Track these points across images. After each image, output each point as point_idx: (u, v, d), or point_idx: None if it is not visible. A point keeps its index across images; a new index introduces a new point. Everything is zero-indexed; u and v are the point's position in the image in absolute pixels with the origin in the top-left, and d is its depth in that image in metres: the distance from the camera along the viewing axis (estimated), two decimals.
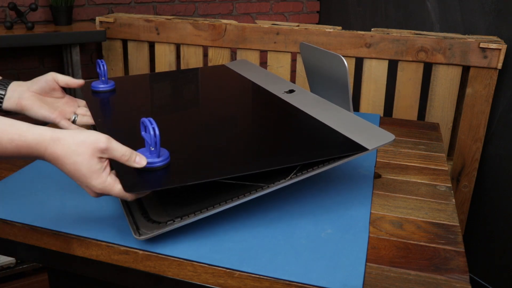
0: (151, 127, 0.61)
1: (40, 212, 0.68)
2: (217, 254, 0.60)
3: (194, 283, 0.59)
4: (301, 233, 0.65)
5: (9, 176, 0.78)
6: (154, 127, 0.61)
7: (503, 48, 1.36)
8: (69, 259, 0.64)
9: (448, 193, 0.77)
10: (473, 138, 1.47)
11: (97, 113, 0.83)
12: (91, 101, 0.88)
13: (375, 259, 0.60)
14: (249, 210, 0.69)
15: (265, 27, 1.60)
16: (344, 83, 0.84)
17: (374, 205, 0.73)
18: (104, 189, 0.59)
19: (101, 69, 0.93)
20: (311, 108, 0.83)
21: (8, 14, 1.75)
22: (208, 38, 1.67)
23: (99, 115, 0.82)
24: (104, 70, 0.92)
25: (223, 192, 0.65)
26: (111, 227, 0.64)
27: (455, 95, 1.48)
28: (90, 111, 0.83)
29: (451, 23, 1.65)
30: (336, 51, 1.53)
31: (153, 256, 0.60)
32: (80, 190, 0.73)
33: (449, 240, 0.64)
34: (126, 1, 1.98)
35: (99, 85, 0.93)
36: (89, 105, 0.85)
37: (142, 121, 0.63)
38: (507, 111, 1.47)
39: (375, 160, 0.89)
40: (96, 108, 0.85)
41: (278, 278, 0.56)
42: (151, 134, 0.61)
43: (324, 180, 0.79)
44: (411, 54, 1.48)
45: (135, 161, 0.61)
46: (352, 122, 0.76)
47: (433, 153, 0.93)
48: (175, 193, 0.67)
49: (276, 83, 0.96)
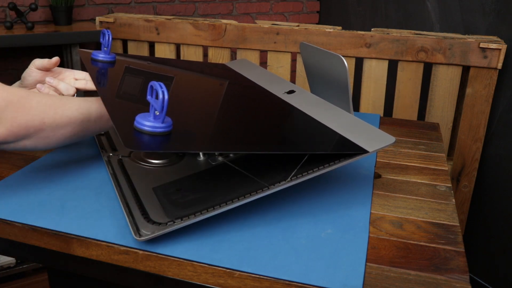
0: (160, 90, 0.60)
1: (40, 212, 0.68)
2: (217, 254, 0.60)
3: (194, 283, 0.59)
4: (301, 233, 0.65)
5: (9, 176, 0.78)
6: (164, 91, 0.60)
7: (503, 48, 1.36)
8: (69, 259, 0.64)
9: (448, 193, 0.77)
10: (473, 138, 1.47)
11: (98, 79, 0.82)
12: (90, 70, 0.86)
13: (375, 259, 0.60)
14: (249, 210, 0.69)
15: (265, 27, 1.60)
16: (344, 83, 0.84)
17: (374, 205, 0.73)
18: None
19: (104, 39, 0.90)
20: (311, 109, 0.83)
21: (8, 14, 1.75)
22: (208, 38, 1.67)
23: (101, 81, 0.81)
24: (108, 41, 0.89)
25: (224, 193, 0.65)
26: (111, 227, 0.64)
27: (455, 95, 1.48)
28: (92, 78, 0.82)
29: (451, 23, 1.65)
30: (336, 51, 1.53)
31: (153, 256, 0.60)
32: (80, 190, 0.74)
33: (449, 240, 0.64)
34: (126, 1, 1.98)
35: (100, 54, 0.90)
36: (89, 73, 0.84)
37: (151, 84, 0.61)
38: (507, 111, 1.47)
39: (375, 160, 0.89)
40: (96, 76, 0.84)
41: (278, 278, 0.56)
42: (160, 98, 0.59)
43: (324, 180, 0.79)
44: (411, 54, 1.48)
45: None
46: (353, 124, 0.76)
47: (433, 153, 0.93)
48: (175, 194, 0.67)
49: (276, 83, 0.96)
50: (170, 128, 0.63)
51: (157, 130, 0.61)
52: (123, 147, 0.86)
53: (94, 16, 1.89)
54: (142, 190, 0.70)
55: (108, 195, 0.73)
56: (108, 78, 0.84)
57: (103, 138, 0.90)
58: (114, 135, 0.92)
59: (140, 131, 0.62)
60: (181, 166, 0.79)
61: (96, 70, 0.86)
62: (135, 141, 0.60)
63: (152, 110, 0.62)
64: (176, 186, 0.69)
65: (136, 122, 0.62)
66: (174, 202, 0.65)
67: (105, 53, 0.91)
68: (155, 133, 0.61)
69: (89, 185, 0.75)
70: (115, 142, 0.88)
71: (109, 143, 0.88)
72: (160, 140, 0.61)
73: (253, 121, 0.81)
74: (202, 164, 0.79)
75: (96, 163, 0.83)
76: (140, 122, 0.62)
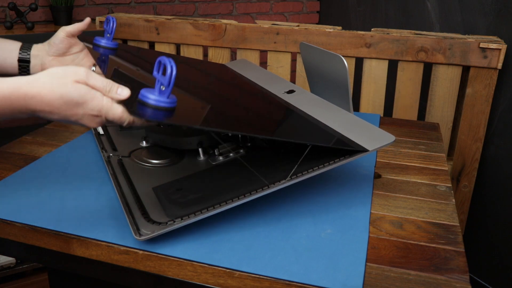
0: (169, 65, 0.59)
1: (40, 212, 0.68)
2: (217, 254, 0.60)
3: (194, 283, 0.59)
4: (301, 233, 0.65)
5: (9, 176, 0.78)
6: (172, 65, 0.59)
7: (503, 48, 1.36)
8: (69, 259, 0.64)
9: (448, 193, 0.77)
10: (473, 138, 1.47)
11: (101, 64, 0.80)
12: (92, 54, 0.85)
13: (375, 259, 0.60)
14: (249, 210, 0.69)
15: (265, 27, 1.60)
16: (344, 83, 0.84)
17: (374, 205, 0.73)
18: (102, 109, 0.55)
19: (109, 26, 0.87)
20: (311, 109, 0.83)
21: (8, 14, 1.75)
22: (208, 38, 1.67)
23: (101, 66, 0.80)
24: (112, 27, 0.86)
25: (224, 193, 0.65)
26: (111, 227, 0.64)
27: (455, 95, 1.48)
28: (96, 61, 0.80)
29: (451, 23, 1.65)
30: (336, 51, 1.53)
31: (153, 256, 0.60)
32: (80, 190, 0.74)
33: (449, 240, 0.64)
34: (126, 1, 1.98)
35: (102, 40, 0.86)
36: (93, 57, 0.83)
37: (159, 59, 0.60)
38: (507, 111, 1.47)
39: (375, 160, 0.89)
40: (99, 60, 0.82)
41: (278, 278, 0.56)
42: (168, 72, 0.59)
43: (324, 180, 0.79)
44: (411, 54, 1.48)
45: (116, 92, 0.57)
46: (353, 123, 0.76)
47: (433, 153, 0.93)
48: (175, 193, 0.67)
49: (276, 83, 0.96)
50: (174, 104, 0.61)
51: (161, 105, 0.60)
52: (123, 147, 0.86)
53: (94, 16, 1.89)
54: (142, 190, 0.70)
55: (108, 195, 0.73)
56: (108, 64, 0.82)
57: (103, 138, 0.90)
58: (114, 135, 0.92)
59: (143, 103, 0.60)
60: (181, 166, 0.79)
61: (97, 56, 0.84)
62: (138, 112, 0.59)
63: (157, 86, 0.60)
64: (176, 186, 0.69)
65: (140, 95, 0.61)
66: (174, 202, 0.65)
67: (108, 40, 0.87)
68: (159, 107, 0.60)
69: (89, 185, 0.75)
70: (115, 142, 0.88)
71: (109, 143, 0.88)
72: (163, 114, 0.60)
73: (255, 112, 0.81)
74: (202, 164, 0.79)
75: (96, 163, 0.83)
76: (145, 95, 0.60)
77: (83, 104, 0.55)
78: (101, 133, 0.92)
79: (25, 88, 0.53)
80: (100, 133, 0.92)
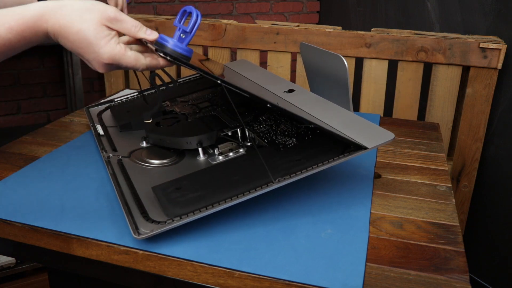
0: (195, 12, 0.62)
1: (40, 212, 0.68)
2: (217, 254, 0.60)
3: (194, 283, 0.59)
4: (301, 233, 0.65)
5: (9, 176, 0.78)
6: (198, 13, 0.62)
7: (503, 48, 1.36)
8: (69, 259, 0.64)
9: (448, 193, 0.77)
10: (473, 138, 1.47)
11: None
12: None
13: (375, 259, 0.60)
14: (249, 210, 0.69)
15: (265, 27, 1.60)
16: (344, 83, 0.84)
17: (374, 205, 0.73)
18: (114, 57, 0.55)
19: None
20: (310, 107, 0.83)
21: None
22: (208, 38, 1.67)
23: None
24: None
25: (223, 191, 0.65)
26: (111, 227, 0.64)
27: (455, 95, 1.48)
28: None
29: (451, 23, 1.65)
30: (336, 51, 1.53)
31: (153, 256, 0.60)
32: (80, 190, 0.74)
33: (449, 240, 0.64)
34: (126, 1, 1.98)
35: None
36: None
37: (184, 8, 0.63)
38: (507, 111, 1.47)
39: (375, 160, 0.89)
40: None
41: (278, 278, 0.56)
42: (193, 18, 0.61)
43: (324, 180, 0.79)
44: (411, 54, 1.48)
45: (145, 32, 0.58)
46: (352, 121, 0.76)
47: (433, 153, 0.93)
48: (174, 192, 0.67)
49: (276, 83, 0.96)
50: (190, 54, 0.64)
51: (178, 50, 0.62)
52: (123, 148, 0.86)
53: None
54: (142, 190, 0.70)
55: (108, 195, 0.73)
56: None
57: (103, 138, 0.90)
58: (114, 135, 0.92)
59: (161, 46, 0.62)
60: (180, 166, 0.79)
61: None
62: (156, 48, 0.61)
63: (177, 33, 0.63)
64: (175, 185, 0.69)
65: (160, 38, 0.63)
66: (173, 201, 0.65)
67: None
68: (175, 52, 0.62)
69: (89, 185, 0.75)
70: (115, 142, 0.88)
71: (109, 143, 0.88)
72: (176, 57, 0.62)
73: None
74: (202, 164, 0.79)
75: (96, 163, 0.83)
76: (164, 38, 0.62)
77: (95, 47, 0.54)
78: (101, 134, 0.92)
79: (49, 14, 0.53)
80: (100, 134, 0.92)
